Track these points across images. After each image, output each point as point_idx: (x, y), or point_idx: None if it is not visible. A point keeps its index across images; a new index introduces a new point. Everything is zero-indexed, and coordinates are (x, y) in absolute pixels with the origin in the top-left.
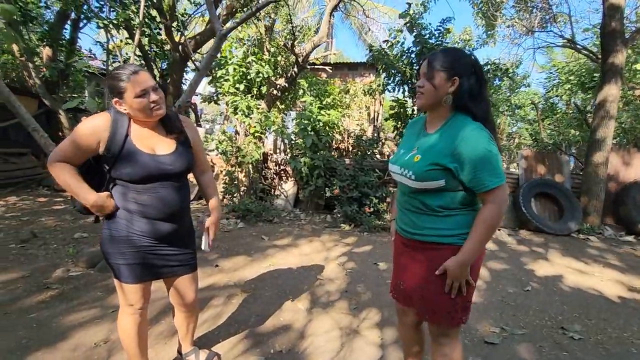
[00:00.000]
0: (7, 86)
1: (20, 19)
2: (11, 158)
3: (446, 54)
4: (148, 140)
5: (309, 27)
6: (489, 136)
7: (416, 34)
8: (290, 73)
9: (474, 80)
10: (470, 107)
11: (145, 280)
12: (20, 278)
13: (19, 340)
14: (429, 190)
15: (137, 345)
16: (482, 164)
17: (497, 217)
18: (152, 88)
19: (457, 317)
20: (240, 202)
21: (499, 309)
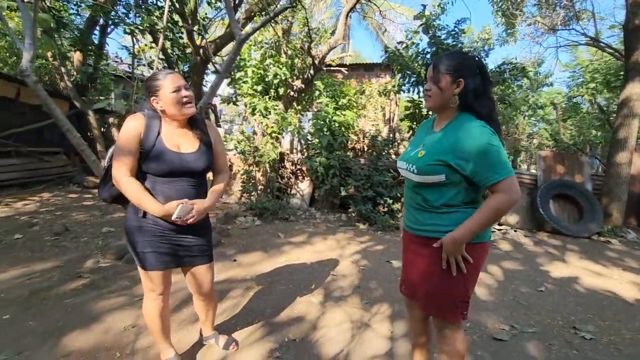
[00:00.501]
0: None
1: (54, 26)
2: (45, 157)
3: (450, 57)
4: (175, 139)
5: (325, 30)
6: (491, 132)
7: (431, 35)
8: (307, 75)
9: (479, 81)
10: (475, 106)
11: (167, 268)
12: (55, 267)
13: (55, 322)
14: (430, 185)
15: (160, 328)
16: (486, 159)
17: (506, 205)
18: (184, 86)
19: (459, 311)
20: (258, 200)
21: (510, 308)
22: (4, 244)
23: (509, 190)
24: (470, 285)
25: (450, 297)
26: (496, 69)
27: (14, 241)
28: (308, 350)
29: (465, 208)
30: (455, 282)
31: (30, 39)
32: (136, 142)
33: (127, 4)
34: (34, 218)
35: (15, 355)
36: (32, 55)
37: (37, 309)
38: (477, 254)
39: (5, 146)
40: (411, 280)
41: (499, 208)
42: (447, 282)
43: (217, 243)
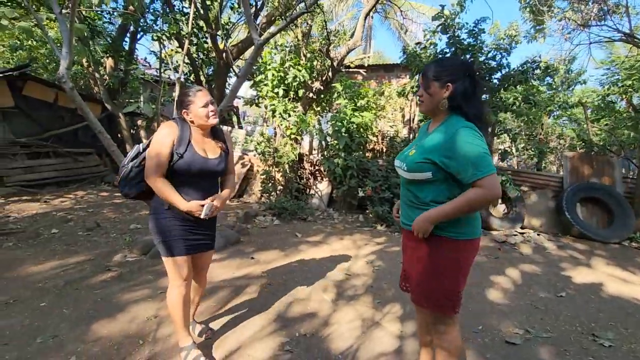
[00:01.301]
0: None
1: (89, 35)
2: (79, 157)
3: (439, 64)
4: (203, 145)
5: (345, 31)
6: (476, 132)
7: (450, 35)
8: (326, 77)
9: (468, 84)
10: (463, 108)
11: (190, 253)
12: (87, 260)
13: (86, 311)
14: (419, 183)
15: (182, 315)
16: (468, 157)
17: (481, 199)
18: (211, 101)
19: (449, 304)
20: (277, 200)
21: (526, 312)
22: (42, 238)
23: (488, 187)
24: (460, 280)
25: (440, 291)
26: (518, 68)
27: (51, 235)
28: (318, 345)
29: None
30: (445, 277)
31: (67, 48)
32: (170, 147)
33: (155, 11)
34: (69, 214)
35: (50, 339)
36: (68, 63)
37: (70, 298)
38: (465, 250)
39: (45, 147)
40: (407, 275)
41: (475, 200)
42: (437, 276)
43: (237, 241)
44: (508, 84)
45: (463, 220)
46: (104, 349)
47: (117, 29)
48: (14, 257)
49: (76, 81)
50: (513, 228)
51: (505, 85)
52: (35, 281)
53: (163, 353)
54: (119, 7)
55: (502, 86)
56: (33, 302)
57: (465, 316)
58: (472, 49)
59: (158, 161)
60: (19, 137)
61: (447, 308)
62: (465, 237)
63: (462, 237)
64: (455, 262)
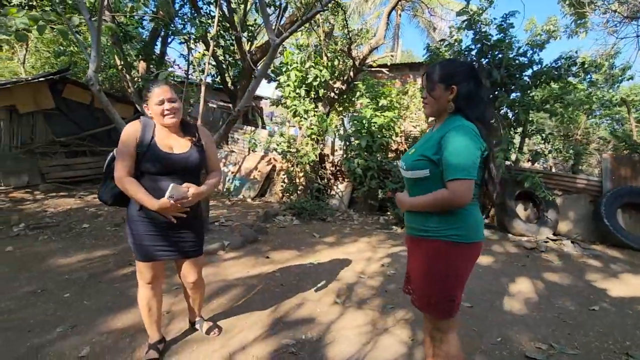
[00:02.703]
0: (111, 95)
1: (122, 38)
2: None
3: (442, 66)
4: (168, 141)
5: (367, 30)
6: (469, 133)
7: (476, 30)
8: (347, 76)
9: (472, 85)
10: (465, 109)
11: (155, 260)
12: (111, 255)
13: (105, 303)
14: (419, 182)
15: (147, 313)
16: (450, 156)
17: (444, 202)
18: (168, 99)
19: (443, 308)
20: (297, 200)
21: (552, 326)
22: (74, 232)
23: (454, 191)
24: (456, 284)
25: (436, 294)
26: (552, 64)
27: (82, 230)
28: (323, 350)
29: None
30: (441, 280)
31: (95, 52)
32: (133, 145)
33: (184, 15)
34: (99, 210)
35: (70, 328)
36: (96, 66)
37: (92, 290)
38: (463, 254)
39: (82, 146)
40: (410, 278)
41: (439, 200)
42: (433, 278)
43: (254, 240)
44: (540, 82)
45: (461, 223)
46: (117, 340)
47: (149, 33)
48: (47, 249)
49: (113, 83)
50: (543, 234)
51: (536, 83)
52: (62, 273)
53: (172, 347)
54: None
55: (533, 84)
56: (58, 293)
57: (484, 326)
58: (500, 45)
59: (122, 161)
60: (58, 137)
61: (441, 312)
62: (463, 240)
63: (460, 240)
64: (451, 265)
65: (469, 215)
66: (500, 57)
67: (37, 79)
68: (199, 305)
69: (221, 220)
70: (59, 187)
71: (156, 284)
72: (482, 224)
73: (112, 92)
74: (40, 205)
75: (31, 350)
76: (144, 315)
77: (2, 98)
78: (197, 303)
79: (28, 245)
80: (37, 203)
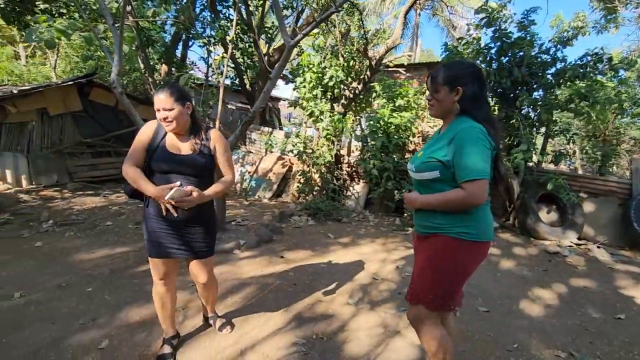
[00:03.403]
0: (134, 97)
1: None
2: None
3: (447, 68)
4: (177, 143)
5: (384, 30)
6: (479, 134)
7: (494, 29)
8: (364, 76)
9: (477, 86)
10: (471, 110)
11: (163, 257)
12: (131, 252)
13: (125, 298)
14: (428, 183)
15: (161, 309)
16: (462, 157)
17: (460, 202)
18: (162, 108)
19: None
20: (312, 201)
21: (573, 333)
22: (97, 229)
23: (470, 191)
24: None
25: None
26: (577, 62)
27: (105, 227)
28: (333, 349)
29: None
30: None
31: (117, 56)
32: (144, 143)
33: (204, 19)
34: (122, 209)
35: (91, 321)
36: (118, 70)
37: (113, 285)
38: (469, 252)
39: (107, 147)
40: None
41: (453, 201)
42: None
43: (269, 240)
44: (563, 80)
45: (471, 221)
46: (134, 334)
47: (171, 37)
48: (73, 245)
49: (136, 86)
50: (567, 238)
51: (560, 81)
52: (86, 268)
53: (186, 342)
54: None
55: (556, 82)
56: (81, 287)
57: (499, 331)
58: (521, 42)
59: (132, 152)
60: (85, 138)
61: (436, 305)
62: (472, 238)
63: (467, 238)
64: (458, 261)
65: (480, 213)
66: (521, 55)
67: (66, 83)
68: (211, 303)
69: (238, 219)
70: (86, 186)
71: (169, 281)
72: (492, 224)
73: (136, 94)
74: (67, 203)
75: (54, 341)
76: (158, 311)
77: (35, 101)
78: (210, 301)
79: (55, 241)
80: (65, 201)
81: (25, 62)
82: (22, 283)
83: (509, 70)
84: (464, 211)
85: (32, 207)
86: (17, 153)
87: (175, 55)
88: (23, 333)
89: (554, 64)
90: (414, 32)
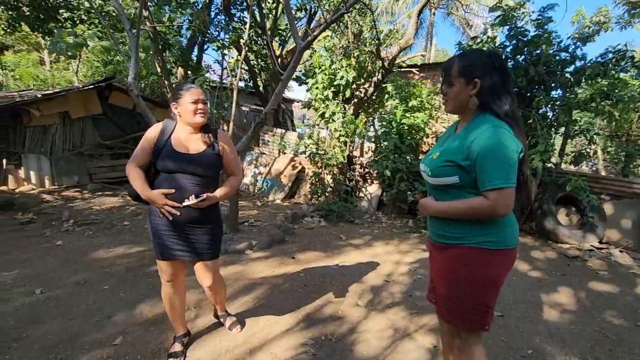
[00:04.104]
0: (152, 100)
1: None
2: None
3: (462, 58)
4: (184, 142)
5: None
6: (505, 135)
7: (510, 27)
8: (376, 77)
9: (497, 78)
10: (493, 105)
11: (168, 259)
12: (146, 251)
13: (139, 296)
14: (446, 189)
15: (170, 309)
16: (485, 163)
17: (484, 213)
18: (202, 100)
19: (474, 320)
20: (325, 202)
21: (591, 340)
22: (115, 228)
23: (495, 202)
24: (488, 294)
25: (465, 303)
26: (597, 59)
27: (122, 227)
28: (342, 351)
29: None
30: (470, 288)
31: (134, 61)
32: (151, 142)
33: (219, 23)
34: (139, 209)
35: (106, 319)
36: (135, 74)
37: (128, 284)
38: (494, 262)
39: (125, 148)
40: (435, 287)
41: (477, 210)
42: (461, 287)
43: (281, 240)
44: (583, 78)
45: (491, 228)
46: (147, 331)
47: (187, 41)
48: (91, 244)
49: (154, 89)
50: (588, 242)
51: (579, 80)
52: (103, 266)
53: (196, 340)
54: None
55: (576, 81)
56: (98, 285)
57: (514, 337)
58: (537, 40)
59: (137, 151)
60: (104, 140)
61: (473, 323)
62: (495, 247)
63: (491, 247)
64: (481, 273)
65: (500, 220)
66: (538, 54)
67: (87, 87)
68: (220, 303)
69: (250, 220)
70: (104, 186)
71: (177, 282)
72: (516, 228)
73: (153, 97)
74: (87, 203)
75: (72, 337)
76: (168, 311)
77: (58, 105)
78: (219, 302)
79: (75, 240)
80: (85, 201)
81: (50, 68)
82: (44, 280)
83: (525, 69)
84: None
85: (54, 207)
86: (40, 155)
87: (191, 59)
88: (43, 328)
89: (573, 62)
90: (428, 31)
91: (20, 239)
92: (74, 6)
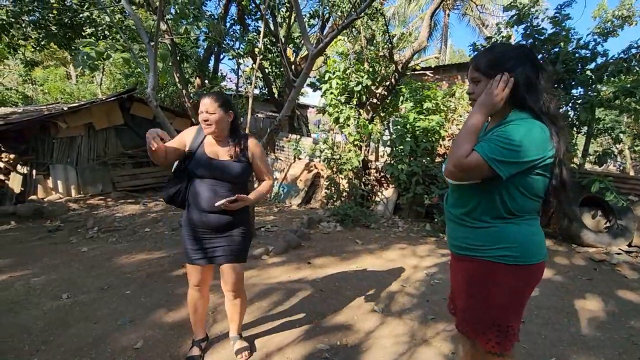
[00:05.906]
0: (171, 110)
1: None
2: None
3: (490, 52)
4: (214, 148)
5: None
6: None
7: (525, 26)
8: (390, 81)
9: (530, 69)
10: (528, 101)
11: (197, 263)
12: (167, 257)
13: (159, 301)
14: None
15: (193, 313)
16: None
17: (451, 154)
18: (206, 110)
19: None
20: (340, 207)
21: (620, 348)
22: (137, 235)
23: (461, 159)
24: (509, 312)
25: (486, 321)
26: (620, 55)
27: (144, 233)
28: (357, 357)
29: (500, 222)
30: (491, 306)
31: (152, 72)
32: (182, 142)
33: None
34: (160, 216)
35: (128, 322)
36: (153, 85)
37: (149, 288)
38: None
39: (146, 157)
40: (455, 298)
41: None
42: (480, 301)
43: (297, 245)
44: (605, 75)
45: (510, 241)
46: (166, 335)
47: (204, 51)
48: (114, 250)
49: (172, 99)
50: (616, 245)
51: (601, 77)
52: (125, 272)
53: (214, 344)
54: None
55: (597, 78)
56: (121, 290)
57: (535, 344)
58: (555, 38)
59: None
60: (127, 150)
61: (491, 343)
62: (515, 262)
63: (510, 262)
64: (498, 291)
65: (523, 230)
66: (556, 52)
67: (110, 99)
68: (236, 322)
69: (267, 226)
70: (127, 194)
71: (203, 287)
72: (543, 241)
73: (172, 107)
74: (110, 211)
75: (96, 340)
76: (191, 314)
77: (83, 117)
78: (235, 319)
79: (99, 246)
80: (109, 209)
81: (76, 82)
82: (70, 285)
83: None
84: (502, 230)
85: (80, 214)
86: (67, 165)
87: (207, 68)
88: (69, 331)
89: (594, 59)
90: (442, 33)
91: (49, 245)
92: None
